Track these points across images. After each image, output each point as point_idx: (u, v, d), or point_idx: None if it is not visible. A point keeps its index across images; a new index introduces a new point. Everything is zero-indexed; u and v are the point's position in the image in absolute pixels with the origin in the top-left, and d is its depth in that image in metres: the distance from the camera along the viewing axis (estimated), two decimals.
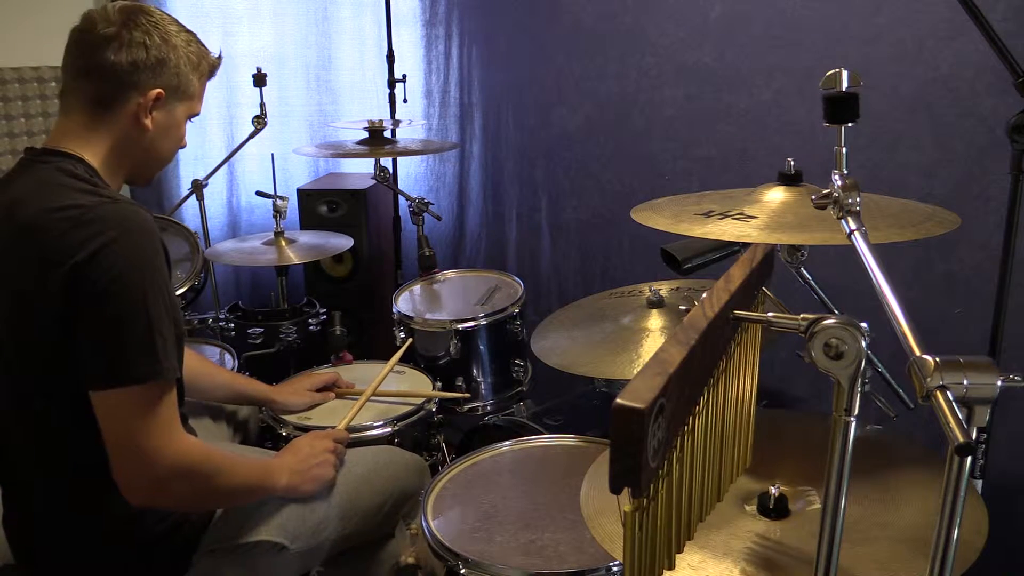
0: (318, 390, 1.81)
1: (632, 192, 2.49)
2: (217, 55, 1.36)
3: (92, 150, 1.23)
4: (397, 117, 2.69)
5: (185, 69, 1.28)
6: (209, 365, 1.72)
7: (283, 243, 2.39)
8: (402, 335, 2.10)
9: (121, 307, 1.09)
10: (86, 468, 1.19)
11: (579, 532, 1.29)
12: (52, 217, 1.11)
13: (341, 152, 2.35)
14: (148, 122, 1.25)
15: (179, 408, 1.25)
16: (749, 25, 2.16)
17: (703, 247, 1.43)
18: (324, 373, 1.89)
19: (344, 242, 2.44)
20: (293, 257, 2.35)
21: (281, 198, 2.42)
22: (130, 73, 1.21)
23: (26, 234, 1.12)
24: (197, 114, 1.34)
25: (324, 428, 1.63)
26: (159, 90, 1.24)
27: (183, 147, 1.37)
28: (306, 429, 1.69)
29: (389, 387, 1.89)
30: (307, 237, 2.50)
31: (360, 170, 2.96)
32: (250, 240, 2.48)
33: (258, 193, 2.53)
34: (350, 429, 1.65)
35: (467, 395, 2.04)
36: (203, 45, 1.33)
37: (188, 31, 1.31)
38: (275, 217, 2.41)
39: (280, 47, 2.91)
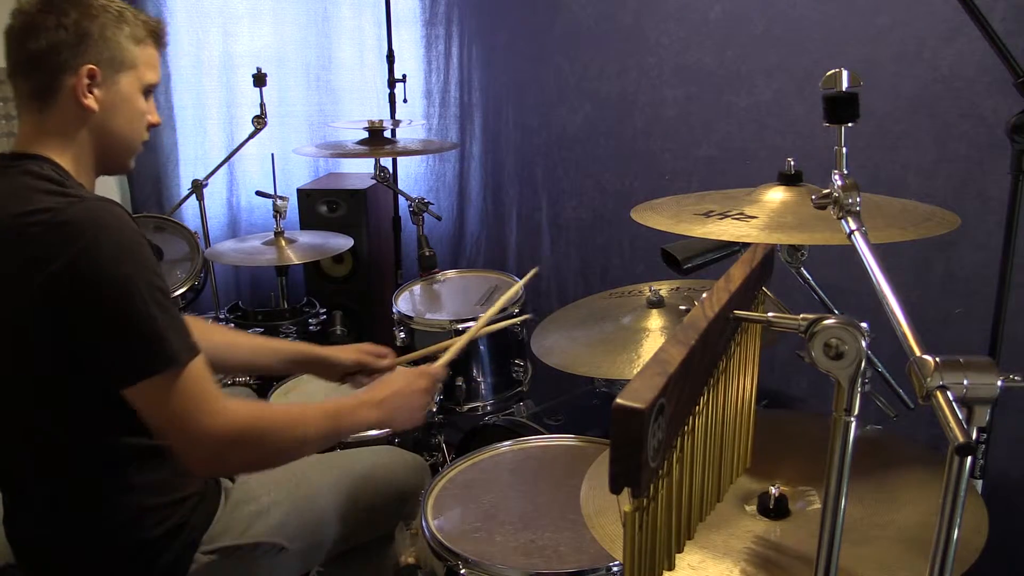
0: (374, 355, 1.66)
1: (632, 192, 2.49)
2: (156, 17, 1.29)
3: (53, 148, 1.19)
4: (397, 117, 2.69)
5: (115, 37, 1.19)
6: (237, 335, 1.63)
7: (283, 243, 2.39)
8: (402, 335, 2.10)
9: (120, 305, 1.09)
10: (86, 469, 1.19)
11: (579, 532, 1.29)
12: (23, 222, 1.09)
13: (341, 152, 2.35)
14: (90, 102, 1.18)
15: None
16: (749, 25, 2.16)
17: (703, 247, 1.43)
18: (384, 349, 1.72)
19: (344, 242, 2.44)
20: (293, 257, 2.36)
21: (281, 198, 2.42)
22: (53, 56, 1.15)
23: (7, 242, 1.11)
24: (152, 83, 1.27)
25: None
26: (90, 66, 1.17)
27: (155, 123, 1.30)
28: None
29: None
30: (307, 237, 2.50)
31: (360, 170, 2.96)
32: (250, 240, 2.48)
33: (258, 193, 2.54)
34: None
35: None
36: (138, 12, 1.25)
37: (119, 2, 1.23)
38: (275, 217, 2.41)
39: (280, 47, 2.91)
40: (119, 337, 1.09)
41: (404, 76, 2.66)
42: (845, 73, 0.86)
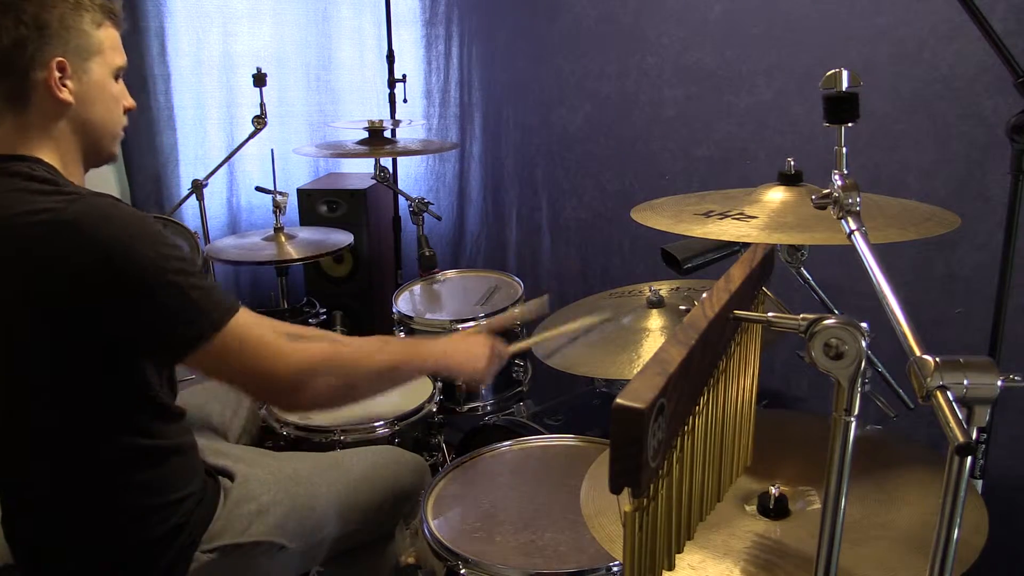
0: None
1: (632, 192, 2.49)
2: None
3: (37, 147, 1.17)
4: (397, 117, 2.69)
5: (76, 24, 1.16)
6: None
7: (283, 239, 2.39)
8: (402, 335, 2.10)
9: (145, 290, 1.08)
10: (86, 469, 1.19)
11: (579, 532, 1.29)
12: (22, 222, 1.08)
13: (341, 152, 2.35)
14: (65, 95, 1.16)
15: (173, 402, 1.25)
16: (749, 25, 2.16)
17: (703, 247, 1.43)
18: None
19: (344, 237, 2.44)
20: (293, 253, 2.35)
21: (281, 193, 2.42)
22: (18, 54, 1.12)
23: (3, 243, 1.10)
24: (121, 66, 1.25)
25: (325, 427, 1.64)
26: (58, 58, 1.14)
27: (130, 107, 1.29)
28: (307, 429, 1.69)
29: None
30: (307, 233, 2.50)
31: (360, 170, 2.96)
32: (250, 236, 2.48)
33: (258, 188, 2.54)
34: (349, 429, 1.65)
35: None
36: None
37: None
38: (275, 212, 2.41)
39: (280, 47, 2.91)
40: (162, 312, 1.10)
41: (404, 76, 2.66)
42: (845, 73, 0.86)
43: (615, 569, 1.20)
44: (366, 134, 2.35)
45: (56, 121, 1.19)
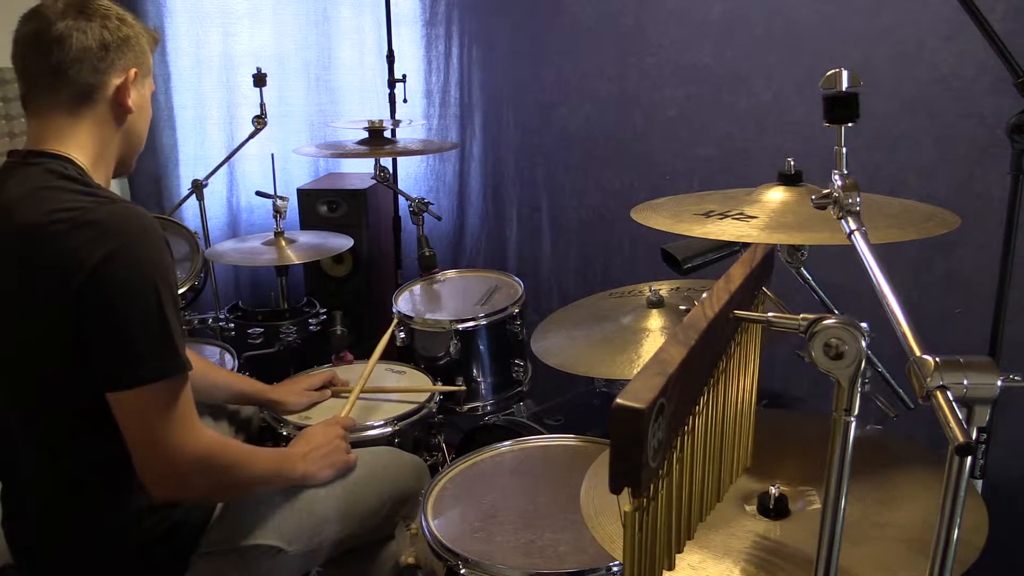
0: (315, 389, 1.81)
1: (632, 192, 2.49)
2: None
3: (79, 148, 1.21)
4: (397, 117, 2.69)
5: (145, 45, 1.27)
6: (207, 365, 1.72)
7: (283, 243, 2.39)
8: (402, 335, 2.10)
9: (135, 310, 1.09)
10: (86, 469, 1.19)
11: (579, 532, 1.29)
12: (51, 219, 1.10)
13: (341, 152, 2.35)
14: (131, 104, 1.24)
15: None
16: (749, 25, 2.16)
17: (703, 247, 1.43)
18: (320, 372, 1.89)
19: (344, 242, 2.44)
20: (293, 257, 2.35)
21: (281, 198, 2.42)
22: (102, 57, 1.20)
23: (25, 239, 1.11)
24: (153, 90, 1.34)
25: None
26: (134, 68, 1.24)
27: None
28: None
29: (388, 384, 1.89)
30: (307, 237, 2.50)
31: (360, 170, 2.96)
32: (250, 240, 2.48)
33: (258, 193, 2.53)
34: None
35: (463, 388, 2.02)
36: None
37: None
38: (275, 217, 2.41)
39: (280, 47, 2.91)
40: (128, 338, 1.10)
41: (404, 76, 2.66)
42: (845, 73, 0.86)
43: (615, 569, 1.20)
44: (366, 134, 2.35)
45: (111, 127, 1.25)
